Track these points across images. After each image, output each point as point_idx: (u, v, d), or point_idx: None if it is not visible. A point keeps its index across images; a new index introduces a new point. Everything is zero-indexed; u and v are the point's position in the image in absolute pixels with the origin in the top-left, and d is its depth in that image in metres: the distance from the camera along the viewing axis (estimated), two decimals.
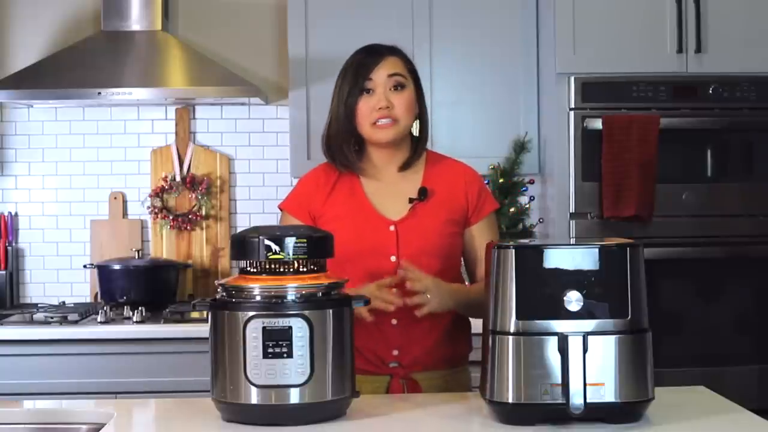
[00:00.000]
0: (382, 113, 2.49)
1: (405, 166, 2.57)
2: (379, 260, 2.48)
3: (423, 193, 2.53)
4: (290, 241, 2.08)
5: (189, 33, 4.26)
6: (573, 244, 2.17)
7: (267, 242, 2.08)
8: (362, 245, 2.47)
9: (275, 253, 2.08)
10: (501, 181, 4.01)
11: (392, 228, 2.51)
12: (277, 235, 2.09)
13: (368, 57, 2.53)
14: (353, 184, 2.57)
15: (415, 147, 2.58)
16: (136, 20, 4.07)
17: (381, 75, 2.50)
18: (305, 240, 2.10)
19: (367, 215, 2.52)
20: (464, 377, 2.60)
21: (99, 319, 3.72)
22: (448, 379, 2.52)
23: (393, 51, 2.56)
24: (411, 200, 2.52)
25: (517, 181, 4.05)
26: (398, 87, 2.51)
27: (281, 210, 2.63)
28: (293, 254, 2.08)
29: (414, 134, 2.59)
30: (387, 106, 2.49)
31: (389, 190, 2.56)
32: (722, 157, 3.86)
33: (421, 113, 2.58)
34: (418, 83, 2.58)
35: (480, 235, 2.56)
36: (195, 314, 3.75)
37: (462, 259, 2.63)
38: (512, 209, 4.05)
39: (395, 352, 2.48)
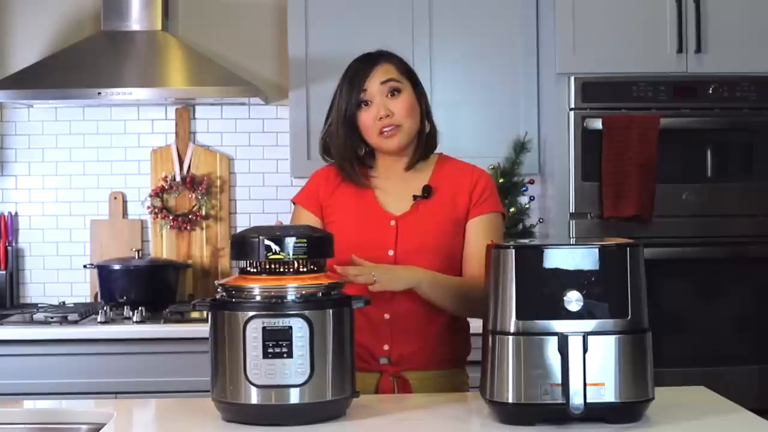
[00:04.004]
0: (384, 122, 2.49)
1: (409, 166, 2.57)
2: (377, 253, 2.47)
3: (427, 191, 2.54)
4: (290, 241, 2.08)
5: (189, 33, 4.26)
6: (573, 244, 2.16)
7: (267, 242, 2.08)
8: (362, 237, 2.48)
9: (275, 253, 2.08)
10: (501, 181, 4.01)
11: (393, 223, 2.51)
12: (277, 235, 2.09)
13: (359, 67, 2.53)
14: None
15: (417, 145, 2.57)
16: (136, 20, 4.07)
17: (374, 84, 2.50)
18: (305, 240, 2.10)
19: (371, 209, 2.53)
20: (459, 380, 2.56)
21: (99, 319, 3.72)
22: (442, 380, 2.50)
23: (384, 56, 2.55)
24: (415, 197, 2.53)
25: (517, 181, 4.05)
26: (394, 92, 2.51)
27: (294, 203, 2.64)
28: (293, 254, 2.08)
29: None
30: (387, 114, 2.49)
31: (396, 187, 2.56)
32: (722, 157, 3.86)
33: (422, 112, 2.57)
34: (416, 82, 2.57)
35: (474, 231, 2.53)
36: (195, 314, 3.75)
37: None
38: (512, 209, 4.05)
39: (386, 347, 2.47)
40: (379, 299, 2.41)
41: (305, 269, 2.10)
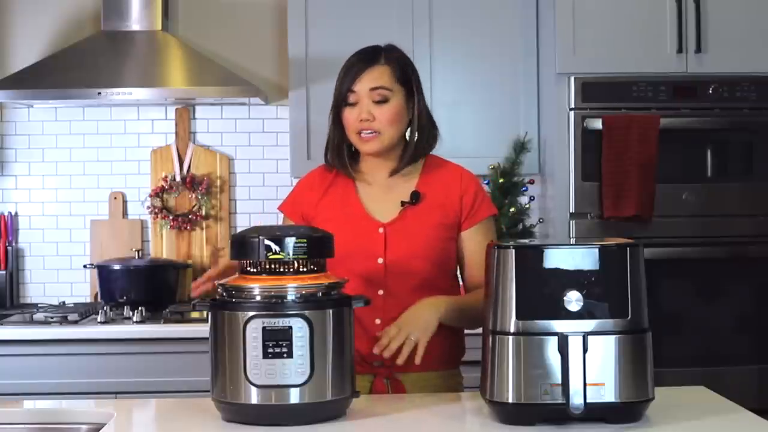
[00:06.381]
0: (363, 125, 2.48)
1: (393, 173, 2.54)
2: (367, 262, 2.47)
3: (415, 197, 2.52)
4: (290, 241, 2.08)
5: (189, 33, 4.26)
6: (573, 244, 2.16)
7: (267, 242, 2.08)
8: (350, 247, 2.44)
9: (275, 253, 2.08)
10: (501, 181, 4.01)
11: (381, 230, 2.50)
12: (277, 235, 2.09)
13: (355, 65, 2.50)
14: (347, 187, 2.57)
15: (404, 152, 2.55)
16: (136, 20, 4.07)
17: (363, 88, 2.47)
18: (305, 240, 2.10)
19: (358, 217, 2.52)
20: (454, 382, 2.55)
21: (99, 319, 3.72)
22: (436, 382, 2.49)
23: (385, 56, 2.51)
24: (403, 204, 2.52)
25: (517, 181, 4.05)
26: (381, 101, 2.48)
27: (280, 212, 2.65)
28: (293, 254, 2.08)
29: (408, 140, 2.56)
30: (368, 118, 2.47)
31: (383, 194, 2.55)
32: (722, 157, 3.86)
33: (415, 119, 2.53)
34: (411, 89, 2.52)
35: (472, 239, 2.53)
36: (195, 314, 3.75)
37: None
38: (512, 209, 4.04)
39: (376, 351, 2.47)
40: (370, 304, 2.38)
41: (305, 269, 2.10)
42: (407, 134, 2.56)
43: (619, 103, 3.76)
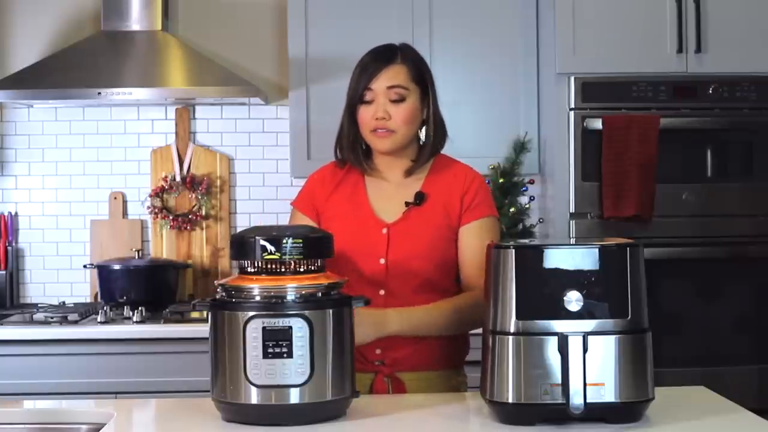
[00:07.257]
0: (379, 123, 2.48)
1: (408, 173, 2.56)
2: (369, 262, 2.47)
3: (419, 197, 2.52)
4: (286, 242, 2.08)
5: (189, 33, 4.26)
6: (573, 244, 2.16)
7: (263, 243, 2.07)
8: (354, 246, 2.45)
9: (271, 253, 2.07)
10: (501, 181, 4.01)
11: (384, 231, 2.50)
12: (274, 235, 2.09)
13: (372, 63, 2.51)
14: (357, 185, 2.57)
15: (420, 152, 2.56)
16: (136, 20, 4.07)
17: (380, 86, 2.48)
18: (301, 240, 2.09)
19: (364, 216, 2.52)
20: (456, 381, 2.55)
21: (99, 319, 3.72)
22: (438, 381, 2.49)
23: (401, 56, 2.52)
24: (407, 204, 2.52)
25: (517, 181, 4.05)
26: (398, 99, 2.48)
27: (292, 206, 2.64)
28: (289, 255, 2.08)
29: (422, 140, 2.57)
30: (384, 117, 2.47)
31: (391, 193, 2.55)
32: (722, 157, 3.86)
33: (430, 119, 2.54)
34: (426, 89, 2.54)
35: (468, 236, 2.51)
36: (195, 314, 3.75)
37: None
38: (512, 209, 4.05)
39: (378, 351, 2.46)
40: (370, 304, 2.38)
41: (303, 269, 2.10)
42: (421, 134, 2.56)
43: (619, 103, 3.76)
